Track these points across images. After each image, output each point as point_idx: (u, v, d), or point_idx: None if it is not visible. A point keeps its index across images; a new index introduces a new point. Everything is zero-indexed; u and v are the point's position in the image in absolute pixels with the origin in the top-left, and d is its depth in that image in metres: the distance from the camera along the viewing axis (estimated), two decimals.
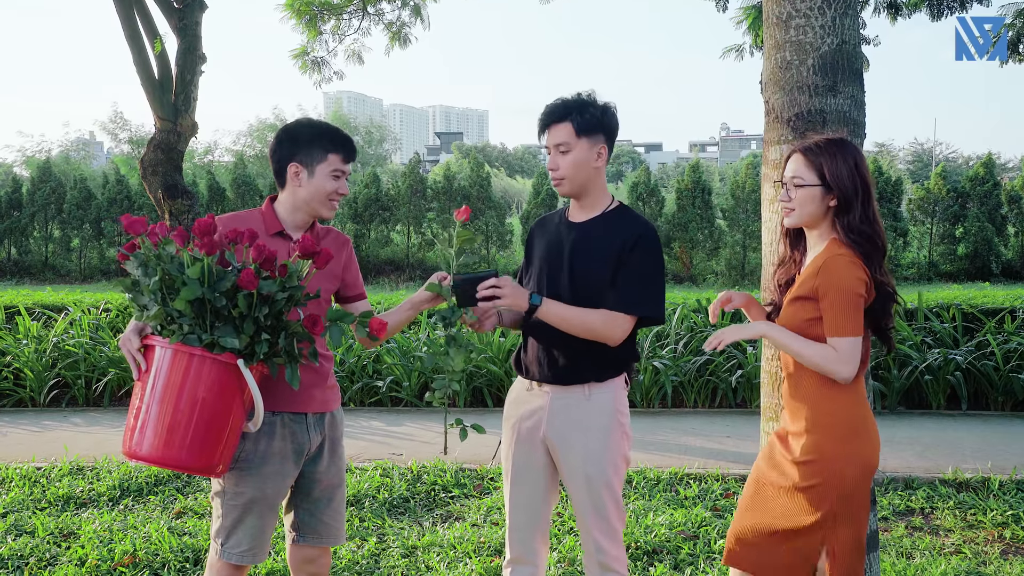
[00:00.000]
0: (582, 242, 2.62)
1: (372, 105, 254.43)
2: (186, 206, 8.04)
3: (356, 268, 2.77)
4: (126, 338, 2.24)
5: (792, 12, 2.96)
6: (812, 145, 2.40)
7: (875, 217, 2.36)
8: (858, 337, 2.29)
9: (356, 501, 4.61)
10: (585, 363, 2.59)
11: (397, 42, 8.90)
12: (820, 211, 2.38)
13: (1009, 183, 20.39)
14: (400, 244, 21.58)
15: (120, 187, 21.37)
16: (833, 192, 2.35)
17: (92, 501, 4.68)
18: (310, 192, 2.55)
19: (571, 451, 2.59)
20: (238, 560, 2.51)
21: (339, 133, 2.60)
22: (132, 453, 2.18)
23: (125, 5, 7.92)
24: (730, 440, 5.92)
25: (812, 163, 2.38)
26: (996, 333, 7.12)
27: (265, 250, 2.15)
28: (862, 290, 2.29)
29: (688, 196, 19.91)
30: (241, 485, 2.49)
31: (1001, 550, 3.97)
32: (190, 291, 2.07)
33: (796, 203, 2.39)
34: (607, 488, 2.59)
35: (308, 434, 2.57)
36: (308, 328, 2.20)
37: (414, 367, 7.21)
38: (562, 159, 2.58)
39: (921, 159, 57.93)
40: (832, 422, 2.34)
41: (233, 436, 2.27)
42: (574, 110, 2.57)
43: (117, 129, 38.65)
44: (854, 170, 2.35)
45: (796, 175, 2.40)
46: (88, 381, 7.47)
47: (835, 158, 2.36)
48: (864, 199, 2.35)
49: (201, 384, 2.15)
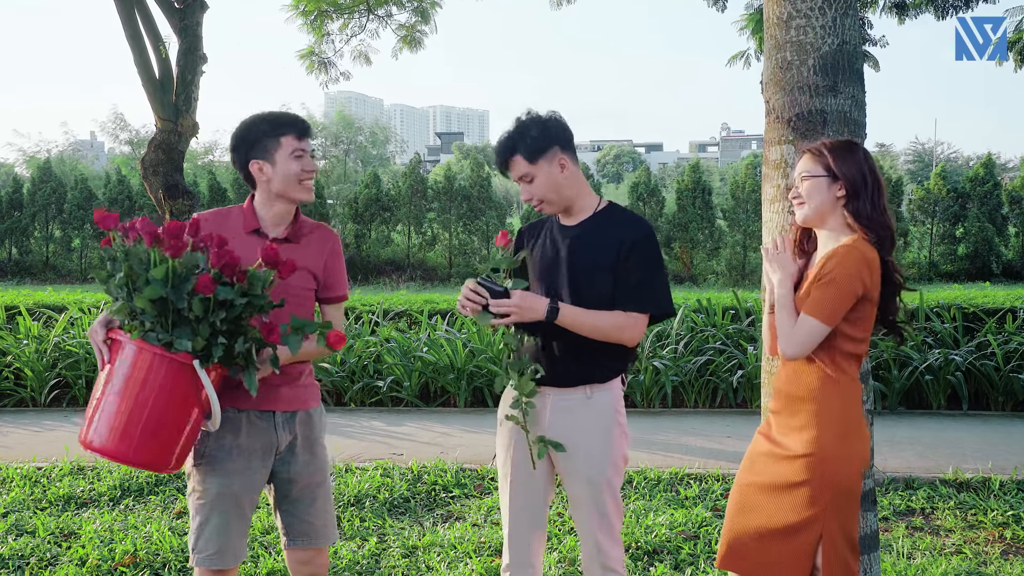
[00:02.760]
0: (578, 246, 2.62)
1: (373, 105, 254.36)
2: (187, 206, 8.04)
3: (339, 269, 2.72)
4: (93, 329, 2.25)
5: (793, 12, 2.96)
6: (819, 145, 2.44)
7: (884, 208, 2.37)
8: (823, 327, 2.29)
9: (357, 501, 4.61)
10: (586, 364, 2.59)
11: (408, 45, 8.89)
12: (829, 202, 2.38)
13: (1009, 183, 20.43)
14: (401, 244, 21.60)
15: (121, 187, 21.40)
16: (840, 181, 2.35)
17: (93, 501, 4.68)
18: (280, 181, 2.55)
19: (573, 453, 2.58)
20: (208, 564, 2.50)
21: (284, 116, 2.60)
22: (87, 443, 2.20)
23: (126, 5, 7.93)
24: (730, 440, 5.92)
25: (818, 159, 2.40)
26: (997, 333, 7.12)
27: (226, 256, 2.16)
28: (858, 291, 2.29)
29: (688, 196, 19.93)
30: (206, 481, 2.50)
31: (1002, 550, 3.97)
32: (152, 290, 2.11)
33: (804, 195, 2.40)
34: (608, 488, 2.59)
35: (276, 432, 2.56)
36: (264, 335, 2.21)
37: (415, 367, 7.21)
38: (531, 187, 2.61)
39: (922, 159, 57.93)
40: (832, 419, 2.34)
41: (189, 436, 2.28)
42: (517, 140, 2.58)
43: (117, 130, 38.70)
44: (862, 161, 2.38)
45: (803, 171, 2.42)
46: (89, 381, 7.47)
47: (841, 153, 2.38)
48: (873, 189, 2.36)
49: (157, 381, 2.17)
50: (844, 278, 2.27)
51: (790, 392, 2.43)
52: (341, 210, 22.01)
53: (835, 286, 2.28)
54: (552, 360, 2.59)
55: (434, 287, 18.79)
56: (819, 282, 2.31)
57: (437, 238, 21.48)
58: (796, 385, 2.41)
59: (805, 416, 2.38)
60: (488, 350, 7.19)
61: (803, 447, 2.36)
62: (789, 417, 2.43)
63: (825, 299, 2.28)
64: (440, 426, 6.51)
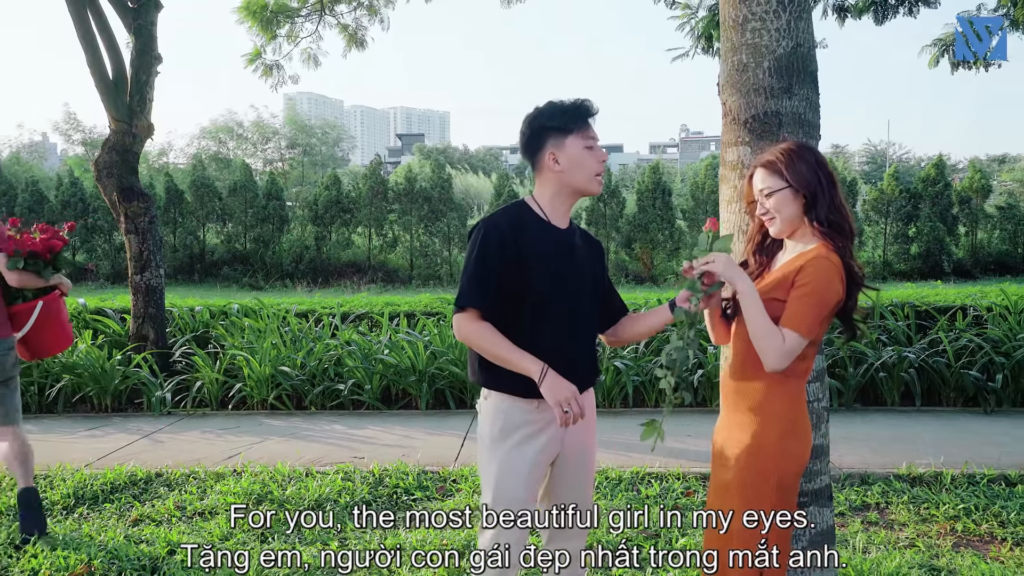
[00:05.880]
0: (581, 249, 2.69)
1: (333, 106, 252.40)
2: (142, 208, 7.92)
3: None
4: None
5: (748, 15, 3.00)
6: (768, 158, 2.45)
7: (841, 204, 2.41)
8: (805, 339, 2.31)
9: (317, 505, 4.57)
10: (596, 363, 2.75)
11: (354, 44, 8.89)
12: (797, 212, 2.42)
13: (959, 184, 20.91)
14: (361, 246, 21.45)
15: (74, 189, 20.96)
16: (801, 191, 2.39)
17: (46, 510, 4.57)
18: None
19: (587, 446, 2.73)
20: None
21: None
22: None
23: (78, 5, 7.77)
24: (691, 439, 5.97)
25: (774, 171, 2.42)
26: (948, 330, 7.29)
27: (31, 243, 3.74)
28: (833, 302, 2.33)
29: (649, 197, 20.08)
30: None
31: (953, 543, 4.06)
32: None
33: (773, 210, 2.43)
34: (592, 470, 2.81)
35: None
36: None
37: (376, 370, 7.17)
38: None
39: (875, 160, 59.04)
40: (775, 418, 2.37)
41: None
42: (519, 151, 2.69)
43: (71, 130, 37.96)
44: (814, 166, 2.40)
45: (763, 186, 2.44)
46: (41, 387, 7.32)
47: (792, 160, 2.40)
48: (829, 190, 2.39)
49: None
50: (822, 290, 2.30)
51: (736, 389, 2.46)
52: (301, 212, 21.79)
53: (815, 298, 2.30)
54: (588, 363, 2.69)
55: (395, 289, 18.69)
56: (798, 294, 2.32)
57: (398, 240, 21.37)
58: (743, 383, 2.44)
59: (748, 415, 2.41)
60: (450, 352, 7.18)
61: (743, 447, 2.39)
62: (733, 414, 2.46)
63: (807, 312, 2.30)
64: (402, 428, 6.48)
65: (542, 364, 2.43)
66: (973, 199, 20.21)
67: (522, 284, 2.50)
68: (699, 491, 4.75)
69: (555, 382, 2.41)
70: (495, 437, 2.56)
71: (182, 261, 20.89)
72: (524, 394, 2.52)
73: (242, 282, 20.01)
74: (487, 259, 2.48)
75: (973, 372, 6.87)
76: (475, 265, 2.49)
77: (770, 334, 2.30)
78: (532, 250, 2.52)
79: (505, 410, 2.56)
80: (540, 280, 2.52)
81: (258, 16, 8.22)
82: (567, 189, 2.59)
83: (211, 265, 21.14)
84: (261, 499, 4.66)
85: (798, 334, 2.30)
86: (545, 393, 2.41)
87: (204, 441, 6.17)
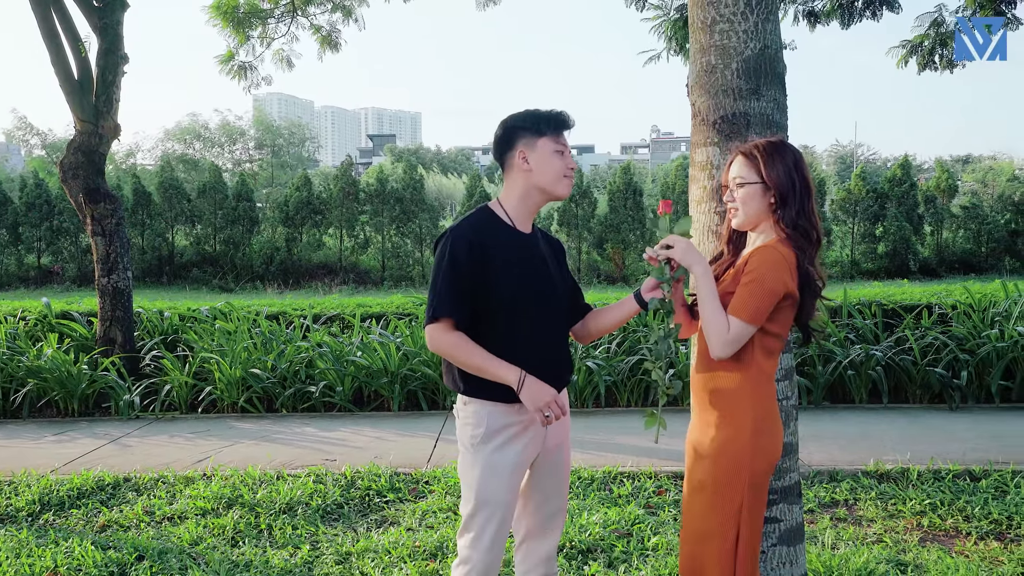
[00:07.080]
0: (545, 250, 2.71)
1: (303, 107, 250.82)
2: (109, 210, 7.81)
3: None
4: None
5: (716, 17, 3.02)
6: (752, 148, 2.46)
7: (811, 212, 2.42)
8: (750, 326, 2.32)
9: (289, 509, 4.53)
10: (570, 361, 2.76)
11: (328, 47, 8.85)
12: (763, 209, 2.43)
13: (925, 184, 21.24)
14: (333, 247, 21.33)
15: (39, 191, 20.61)
16: (772, 189, 2.40)
17: (10, 517, 4.50)
18: None
19: (563, 443, 2.75)
20: None
21: None
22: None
23: (42, 4, 7.66)
24: (663, 439, 6.00)
25: (752, 164, 2.43)
26: (914, 329, 7.40)
27: None
28: (780, 291, 2.33)
29: (620, 198, 20.18)
30: None
31: (920, 538, 4.11)
32: None
33: (739, 202, 2.45)
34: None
35: None
36: None
37: (347, 371, 7.13)
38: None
39: (844, 161, 59.78)
40: (744, 416, 2.38)
41: None
42: (492, 153, 2.70)
43: (26, 135, 37.51)
44: (792, 168, 2.41)
45: (737, 175, 2.46)
46: (6, 392, 7.20)
47: (772, 157, 2.42)
48: (802, 195, 2.41)
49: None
50: (767, 277, 2.31)
51: (703, 384, 2.48)
52: (271, 213, 21.61)
53: (758, 285, 2.31)
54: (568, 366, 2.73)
55: (367, 290, 18.59)
56: (743, 282, 2.34)
57: (370, 241, 21.27)
58: (711, 381, 2.45)
59: (718, 413, 2.42)
60: (422, 353, 7.16)
61: (714, 445, 2.40)
62: (703, 412, 2.48)
63: (751, 299, 2.31)
64: (374, 431, 6.45)
65: (519, 371, 2.43)
66: (939, 199, 20.54)
67: (491, 290, 2.50)
68: (671, 490, 4.78)
69: (534, 388, 2.43)
70: (477, 441, 2.56)
71: (150, 263, 20.64)
72: (504, 399, 2.52)
73: (212, 284, 19.81)
74: (456, 267, 2.48)
75: (938, 369, 6.97)
76: (445, 275, 2.49)
77: (716, 320, 2.34)
78: (499, 256, 2.52)
79: (486, 414, 2.55)
80: (509, 285, 2.51)
81: (229, 16, 8.14)
82: (535, 190, 2.59)
83: (180, 267, 20.90)
84: (232, 503, 4.61)
85: (741, 321, 2.32)
86: (524, 400, 2.42)
87: (173, 445, 6.10)
